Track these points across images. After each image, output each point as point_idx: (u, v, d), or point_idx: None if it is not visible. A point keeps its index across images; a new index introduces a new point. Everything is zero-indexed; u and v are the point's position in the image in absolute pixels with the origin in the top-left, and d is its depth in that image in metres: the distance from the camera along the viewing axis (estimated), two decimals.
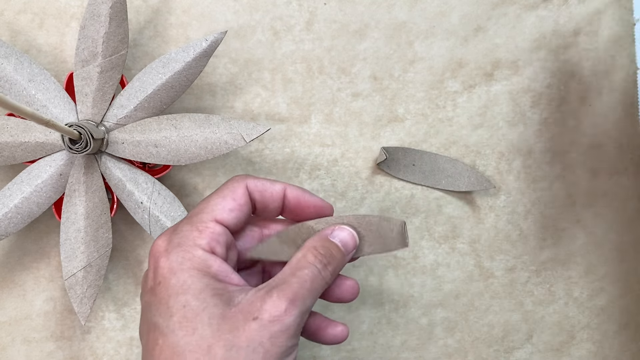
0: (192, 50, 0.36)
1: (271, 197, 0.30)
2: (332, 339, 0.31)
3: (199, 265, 0.26)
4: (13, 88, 0.36)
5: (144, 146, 0.35)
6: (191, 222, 0.28)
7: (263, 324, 0.25)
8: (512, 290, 0.41)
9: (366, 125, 0.41)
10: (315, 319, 0.31)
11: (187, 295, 0.26)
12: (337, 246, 0.29)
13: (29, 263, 0.41)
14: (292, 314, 0.25)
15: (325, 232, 0.30)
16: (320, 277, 0.27)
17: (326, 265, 0.28)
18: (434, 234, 0.41)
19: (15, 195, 0.36)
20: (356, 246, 0.30)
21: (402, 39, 0.41)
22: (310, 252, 0.28)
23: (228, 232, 0.28)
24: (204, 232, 0.27)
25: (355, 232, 0.30)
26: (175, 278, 0.26)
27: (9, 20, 0.40)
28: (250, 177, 0.30)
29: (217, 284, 0.26)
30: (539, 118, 0.41)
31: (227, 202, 0.28)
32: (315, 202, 0.31)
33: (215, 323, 0.25)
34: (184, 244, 0.27)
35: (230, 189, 0.29)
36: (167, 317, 0.25)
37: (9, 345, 0.41)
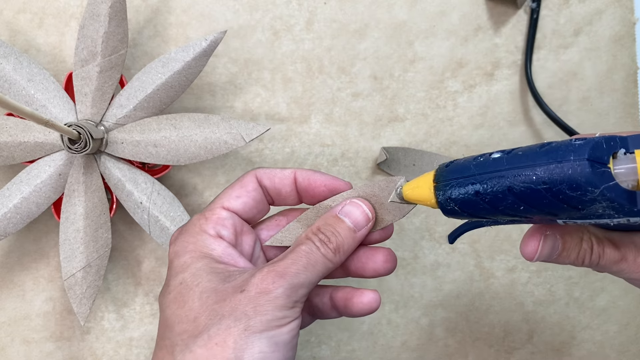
0: (192, 50, 0.36)
1: (281, 182, 0.30)
2: (362, 307, 0.30)
3: (202, 248, 0.28)
4: (12, 88, 0.36)
5: (144, 146, 0.35)
6: (200, 213, 0.29)
7: (249, 295, 0.25)
8: (513, 291, 0.41)
9: (366, 125, 0.41)
10: (342, 292, 0.31)
11: (185, 274, 0.27)
12: (343, 222, 0.28)
13: (28, 263, 0.41)
14: (279, 286, 0.25)
15: (335, 209, 0.29)
16: (319, 254, 0.27)
17: (325, 243, 0.28)
18: (434, 234, 0.41)
19: (15, 195, 0.36)
20: (370, 219, 0.29)
21: (402, 38, 0.41)
22: (311, 230, 0.28)
23: (236, 217, 0.29)
24: (210, 218, 0.29)
25: (370, 204, 0.29)
26: (177, 260, 0.28)
27: (8, 19, 0.40)
28: (262, 167, 0.31)
29: (217, 265, 0.27)
30: (539, 118, 0.41)
31: (234, 190, 0.30)
32: (325, 180, 0.30)
33: (205, 297, 0.26)
34: (190, 230, 0.28)
35: (240, 179, 0.30)
36: (167, 295, 0.27)
37: (8, 345, 0.41)
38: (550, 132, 0.41)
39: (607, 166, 0.20)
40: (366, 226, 0.29)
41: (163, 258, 0.41)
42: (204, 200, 0.41)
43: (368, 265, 0.30)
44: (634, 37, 0.41)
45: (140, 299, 0.41)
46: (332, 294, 0.31)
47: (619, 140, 0.21)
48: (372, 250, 0.30)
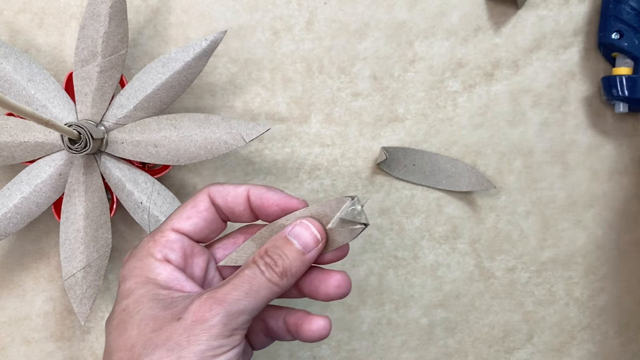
0: (192, 50, 0.36)
1: (234, 200, 0.29)
2: (312, 334, 0.29)
3: (147, 272, 0.27)
4: (12, 88, 0.36)
5: (144, 146, 0.35)
6: (151, 234, 0.29)
7: (185, 324, 0.24)
8: (513, 291, 0.41)
9: (366, 125, 0.41)
10: (294, 316, 0.30)
11: (128, 300, 0.26)
12: (291, 244, 0.28)
13: (29, 263, 0.41)
14: (216, 314, 0.25)
15: (285, 230, 0.29)
16: (263, 279, 0.26)
17: (271, 266, 0.27)
18: (434, 234, 0.41)
19: (15, 195, 0.36)
20: (318, 241, 0.28)
21: (402, 38, 0.41)
22: (258, 253, 0.28)
23: (186, 239, 0.29)
24: (159, 241, 0.28)
25: (320, 225, 0.29)
26: (123, 285, 0.27)
27: (9, 19, 0.40)
28: (216, 184, 0.30)
29: (160, 291, 0.26)
30: (539, 118, 0.41)
31: (185, 210, 0.29)
32: (278, 199, 0.29)
33: (144, 324, 0.25)
34: (138, 254, 0.28)
35: (192, 198, 0.30)
36: (110, 320, 0.27)
37: (8, 345, 0.41)
38: (550, 132, 0.41)
39: None
40: (315, 248, 0.28)
41: None
42: None
43: (320, 288, 0.30)
44: None
45: None
46: (286, 317, 0.30)
47: None
48: (325, 274, 0.30)
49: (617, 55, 0.39)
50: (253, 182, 0.41)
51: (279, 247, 0.28)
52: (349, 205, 0.29)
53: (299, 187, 0.41)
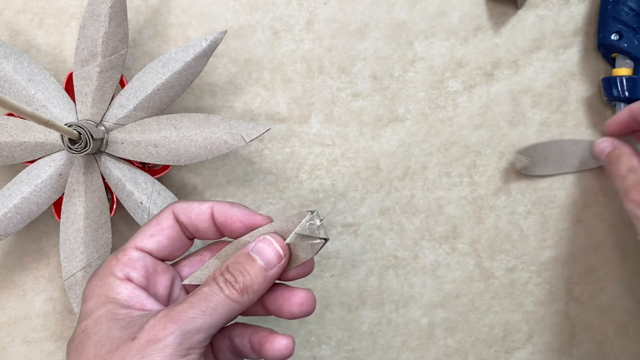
0: (192, 50, 0.36)
1: (198, 217, 0.29)
2: (274, 354, 0.29)
3: (108, 292, 0.27)
4: (12, 88, 0.36)
5: (144, 146, 0.35)
6: (115, 252, 0.28)
7: (140, 343, 0.24)
8: (513, 291, 0.41)
9: (366, 125, 0.41)
10: (259, 334, 0.29)
11: (87, 321, 0.26)
12: (253, 261, 0.27)
13: (29, 263, 0.41)
14: (170, 333, 0.24)
15: (248, 246, 0.28)
16: (222, 296, 0.26)
17: (231, 283, 0.26)
18: (434, 234, 0.41)
19: (15, 195, 0.36)
20: (281, 257, 0.28)
21: (402, 38, 0.41)
22: (219, 270, 0.27)
23: (149, 258, 0.28)
24: (121, 260, 0.28)
25: (283, 241, 0.28)
26: (84, 305, 0.27)
27: (9, 19, 0.40)
28: (181, 201, 0.30)
29: (120, 310, 0.26)
30: (539, 118, 0.41)
31: (149, 228, 0.29)
32: (242, 216, 0.29)
33: (100, 345, 0.25)
34: (100, 273, 0.28)
35: (157, 215, 0.29)
36: (71, 342, 0.26)
37: (8, 345, 0.41)
38: (550, 132, 0.41)
39: None
40: (278, 264, 0.28)
41: None
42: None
43: (284, 307, 0.29)
44: None
45: None
46: (251, 336, 0.30)
47: None
48: (289, 292, 0.29)
49: (616, 56, 0.39)
50: (253, 182, 0.41)
51: (240, 263, 0.27)
52: (307, 219, 0.28)
53: (299, 187, 0.41)
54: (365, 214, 0.41)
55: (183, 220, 0.29)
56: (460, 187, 0.41)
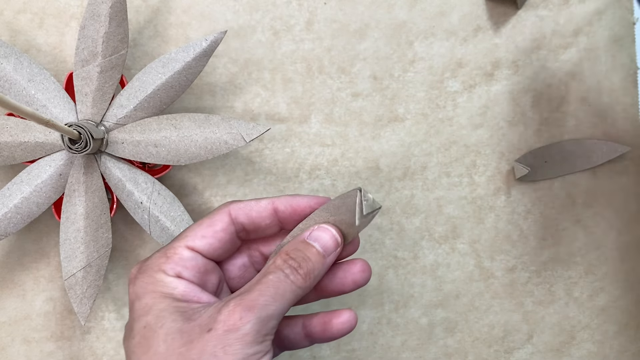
0: (192, 50, 0.36)
1: (258, 215, 0.29)
2: (341, 328, 0.30)
3: (162, 288, 0.27)
4: (13, 88, 0.36)
5: (144, 146, 0.35)
6: (162, 250, 0.28)
7: (217, 334, 0.24)
8: (513, 291, 0.41)
9: (366, 125, 0.41)
10: (317, 318, 0.30)
11: (147, 317, 0.26)
12: (313, 248, 0.28)
13: (29, 263, 0.41)
14: (247, 321, 0.24)
15: (303, 234, 0.29)
16: (289, 282, 0.27)
17: (296, 269, 0.27)
18: (434, 234, 0.41)
19: (15, 195, 0.36)
20: (339, 244, 0.29)
21: (402, 38, 0.41)
22: (280, 257, 0.28)
23: (200, 258, 0.28)
24: (171, 258, 0.28)
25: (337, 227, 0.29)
26: (138, 302, 0.27)
27: (9, 19, 0.40)
28: (235, 201, 0.30)
29: (179, 303, 0.26)
30: (539, 118, 0.41)
31: (201, 228, 0.29)
32: (309, 202, 0.30)
33: (170, 339, 0.25)
34: (150, 270, 0.27)
35: (210, 216, 0.29)
36: (131, 339, 0.26)
37: (8, 345, 0.41)
38: (550, 132, 0.41)
39: None
40: (335, 251, 0.29)
41: None
42: (203, 201, 0.41)
43: (347, 278, 0.30)
44: (633, 38, 0.41)
45: None
46: (305, 323, 0.30)
47: None
48: (346, 265, 0.30)
49: None
50: (253, 182, 0.41)
51: (300, 250, 0.28)
52: (361, 198, 0.29)
53: (299, 187, 0.41)
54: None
55: (243, 220, 0.29)
56: (460, 187, 0.41)
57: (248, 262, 0.31)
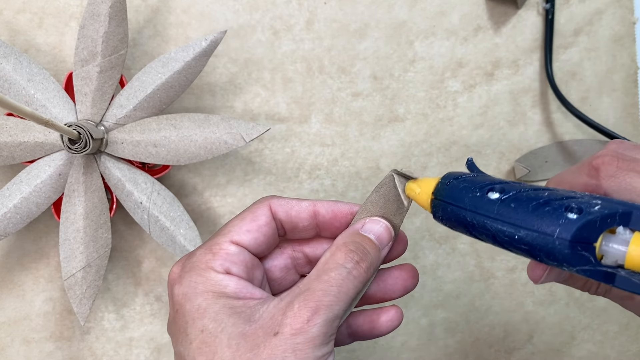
0: (192, 50, 0.36)
1: (297, 215, 0.28)
2: (390, 326, 0.29)
3: (214, 287, 0.25)
4: (12, 88, 0.36)
5: (144, 146, 0.35)
6: (206, 246, 0.27)
7: (284, 337, 0.23)
8: (513, 291, 0.41)
9: (366, 125, 0.41)
10: (362, 317, 0.29)
11: (204, 320, 0.25)
12: (370, 240, 0.27)
13: (28, 263, 0.41)
14: (315, 324, 0.24)
15: (355, 226, 0.28)
16: (352, 277, 0.25)
17: (358, 262, 0.26)
18: (435, 234, 0.41)
19: (15, 195, 0.36)
20: (391, 235, 0.28)
21: (402, 38, 0.41)
22: (340, 250, 0.26)
23: (247, 253, 0.27)
24: (218, 254, 0.26)
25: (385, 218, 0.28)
26: (189, 303, 0.25)
27: (8, 19, 0.40)
28: (277, 197, 0.29)
29: (235, 302, 0.25)
30: (539, 118, 0.41)
31: (244, 223, 0.28)
32: (350, 208, 0.29)
33: (234, 344, 0.24)
34: (197, 268, 0.26)
35: (251, 210, 0.28)
36: (187, 344, 0.25)
37: (8, 345, 0.41)
38: (550, 133, 0.41)
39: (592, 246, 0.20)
40: (388, 244, 0.28)
41: (163, 258, 0.41)
42: (203, 201, 0.41)
43: (398, 284, 0.29)
44: (633, 37, 0.41)
45: (140, 299, 0.41)
46: (350, 323, 0.29)
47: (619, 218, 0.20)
48: (396, 271, 0.29)
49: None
50: (253, 182, 0.41)
51: (358, 242, 0.27)
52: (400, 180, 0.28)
53: (299, 187, 0.41)
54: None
55: (281, 217, 0.28)
56: None
57: (290, 264, 0.30)
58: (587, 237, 0.20)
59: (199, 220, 0.40)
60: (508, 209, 0.22)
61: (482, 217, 0.23)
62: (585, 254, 0.20)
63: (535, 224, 0.21)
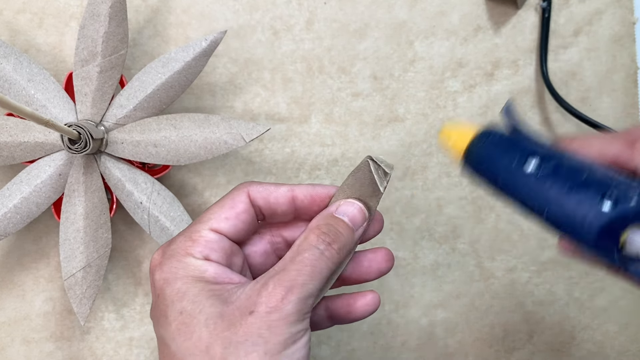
0: (192, 50, 0.36)
1: (276, 201, 0.29)
2: (366, 310, 0.30)
3: (193, 272, 0.26)
4: (12, 88, 0.36)
5: (144, 146, 0.35)
6: (186, 233, 0.28)
7: (260, 315, 0.24)
8: (513, 291, 0.41)
9: (366, 125, 0.41)
10: (340, 300, 0.30)
11: (183, 302, 0.26)
12: (343, 222, 0.28)
13: (28, 263, 0.41)
14: (290, 301, 0.25)
15: (330, 209, 0.28)
16: (324, 258, 0.26)
17: (330, 244, 0.27)
18: (435, 234, 0.41)
19: (15, 195, 0.36)
20: (366, 216, 0.29)
21: (402, 38, 0.41)
22: (313, 233, 0.27)
23: (226, 240, 0.28)
24: (197, 241, 0.27)
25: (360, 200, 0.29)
26: (169, 288, 0.26)
27: (8, 19, 0.40)
28: (255, 183, 0.29)
29: (213, 286, 0.26)
30: (539, 118, 0.41)
31: (223, 210, 0.28)
32: (328, 192, 0.29)
33: (212, 323, 0.25)
34: (177, 254, 0.27)
35: (230, 197, 0.29)
36: (167, 326, 0.26)
37: (8, 345, 0.41)
38: (549, 133, 0.41)
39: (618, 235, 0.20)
40: (362, 225, 0.29)
41: None
42: (203, 201, 0.41)
43: (372, 267, 0.30)
44: (633, 38, 0.41)
45: (140, 299, 0.41)
46: (328, 305, 0.30)
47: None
48: (371, 253, 0.30)
49: None
50: None
51: (331, 224, 0.27)
52: (375, 167, 0.29)
53: None
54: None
55: (260, 204, 0.29)
56: (460, 187, 0.41)
57: (270, 249, 0.31)
58: (616, 229, 0.20)
59: None
60: (543, 186, 0.21)
61: (514, 188, 0.22)
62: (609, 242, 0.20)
63: (568, 206, 0.20)
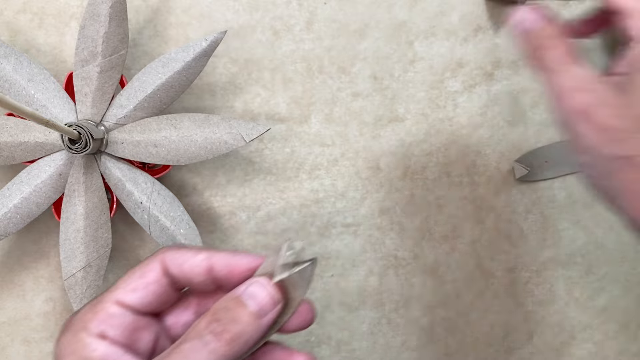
0: (192, 50, 0.36)
1: (191, 270, 0.26)
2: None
3: (82, 350, 0.24)
4: (12, 88, 0.36)
5: (144, 146, 0.35)
6: (94, 302, 0.26)
7: None
8: (513, 291, 0.41)
9: (366, 125, 0.41)
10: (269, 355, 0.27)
11: None
12: (243, 307, 0.24)
13: (29, 263, 0.41)
14: None
15: (237, 289, 0.25)
16: (206, 351, 0.23)
17: (220, 334, 0.23)
18: (435, 234, 0.41)
19: (15, 195, 0.36)
20: (275, 301, 0.25)
21: (402, 38, 0.41)
22: (205, 318, 0.24)
23: (129, 314, 0.26)
24: (98, 314, 0.25)
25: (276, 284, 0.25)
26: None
27: (9, 19, 0.40)
28: (172, 249, 0.27)
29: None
30: (539, 118, 0.41)
31: (132, 280, 0.26)
32: (249, 264, 0.26)
33: None
34: (74, 327, 0.25)
35: (143, 265, 0.26)
36: None
37: (8, 345, 0.41)
38: (550, 132, 0.41)
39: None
40: (272, 310, 0.25)
41: None
42: (203, 201, 0.41)
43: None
44: None
45: None
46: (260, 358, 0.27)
47: None
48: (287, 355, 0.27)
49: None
50: (253, 182, 0.41)
51: (229, 309, 0.24)
52: (286, 249, 0.26)
53: (299, 187, 0.41)
54: (365, 214, 0.41)
55: (174, 272, 0.26)
56: (460, 187, 0.41)
57: (193, 319, 0.28)
58: None
59: (199, 220, 0.40)
60: None
61: None
62: None
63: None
